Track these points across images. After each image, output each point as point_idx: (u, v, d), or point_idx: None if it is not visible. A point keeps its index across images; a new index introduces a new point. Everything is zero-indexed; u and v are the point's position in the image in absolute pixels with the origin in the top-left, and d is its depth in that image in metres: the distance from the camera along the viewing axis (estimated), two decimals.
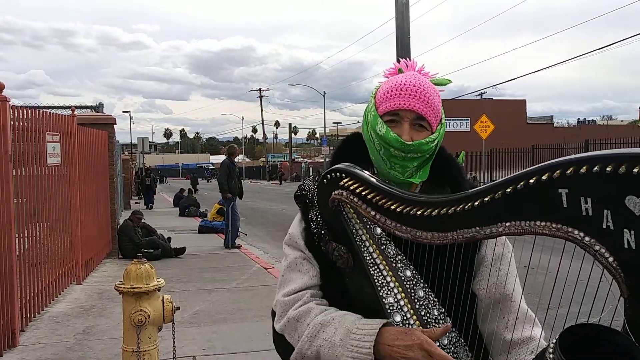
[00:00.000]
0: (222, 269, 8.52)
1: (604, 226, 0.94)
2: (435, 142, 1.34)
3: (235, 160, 11.72)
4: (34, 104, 10.26)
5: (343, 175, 1.26)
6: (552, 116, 61.87)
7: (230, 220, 10.82)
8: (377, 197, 1.21)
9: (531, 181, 0.99)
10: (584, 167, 0.94)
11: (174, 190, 26.38)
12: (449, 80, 1.43)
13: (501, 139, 28.98)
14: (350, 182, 1.25)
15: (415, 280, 1.29)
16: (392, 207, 1.18)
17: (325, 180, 1.29)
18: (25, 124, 5.67)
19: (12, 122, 5.14)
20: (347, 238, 1.30)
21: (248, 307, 6.19)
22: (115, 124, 10.48)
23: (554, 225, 0.99)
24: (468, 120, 45.81)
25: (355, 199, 1.24)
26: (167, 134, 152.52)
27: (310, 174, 52.51)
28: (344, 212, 1.31)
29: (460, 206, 1.09)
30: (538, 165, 0.99)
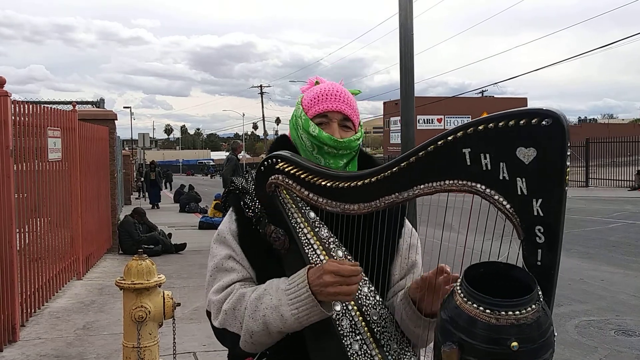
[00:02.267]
0: None
1: (501, 177, 1.07)
2: (360, 140, 1.50)
3: (239, 156, 11.72)
4: (35, 99, 10.26)
5: (279, 160, 1.37)
6: None
7: None
8: (310, 176, 1.31)
9: (439, 142, 1.11)
10: (481, 126, 1.06)
11: (174, 186, 26.38)
12: (359, 91, 1.60)
13: None
14: (285, 165, 1.35)
15: (347, 259, 1.38)
16: (323, 184, 1.29)
17: (262, 168, 1.41)
18: (27, 119, 5.66)
19: (13, 117, 5.13)
20: (284, 221, 1.39)
21: None
22: (117, 119, 10.47)
23: (460, 182, 1.11)
24: (469, 117, 45.78)
25: (290, 181, 1.35)
26: (168, 129, 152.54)
27: None
28: (280, 197, 1.40)
29: (382, 174, 1.21)
30: (446, 130, 1.11)
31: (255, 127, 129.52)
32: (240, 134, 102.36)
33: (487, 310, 1.02)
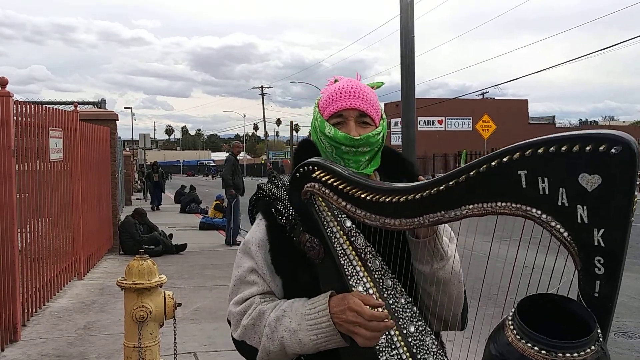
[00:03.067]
0: (223, 266, 8.53)
1: (559, 203, 1.00)
2: (381, 134, 1.43)
3: (238, 157, 11.73)
4: (36, 99, 10.27)
5: (315, 167, 1.31)
6: (554, 116, 61.84)
7: (232, 217, 10.82)
8: (348, 187, 1.25)
9: (493, 164, 1.05)
10: (542, 149, 1.00)
11: (175, 187, 26.35)
12: (382, 83, 1.56)
13: (503, 138, 28.92)
14: (322, 174, 1.29)
15: (384, 270, 1.34)
16: (362, 196, 1.23)
17: (297, 174, 1.34)
18: (28, 119, 5.68)
19: (15, 118, 5.15)
20: (319, 230, 1.34)
21: None
22: (118, 120, 10.49)
23: (513, 205, 1.04)
24: (470, 119, 45.80)
25: (326, 191, 1.29)
26: (169, 130, 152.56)
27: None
28: (316, 205, 1.35)
29: (427, 191, 1.14)
30: (499, 150, 1.05)
31: (256, 128, 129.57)
32: (241, 134, 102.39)
33: (543, 351, 0.96)
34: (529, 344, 0.98)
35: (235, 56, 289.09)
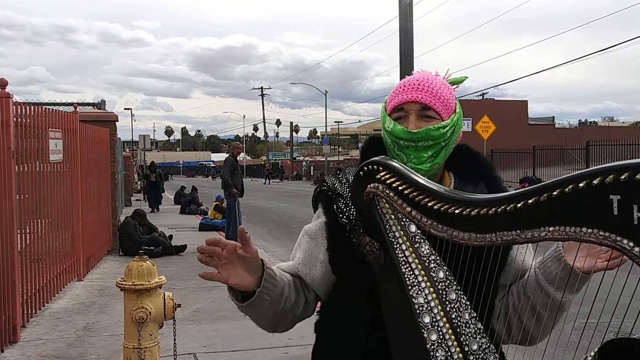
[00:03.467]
0: None
1: None
2: (448, 128, 1.33)
3: (238, 157, 11.76)
4: (36, 101, 10.28)
5: (380, 168, 1.23)
6: (553, 117, 61.83)
7: (232, 217, 10.83)
8: (415, 193, 1.17)
9: (581, 185, 0.93)
10: (627, 174, 0.88)
11: (175, 188, 26.34)
12: (465, 77, 1.46)
13: (502, 139, 28.96)
14: (387, 176, 1.22)
15: (448, 281, 1.24)
16: (430, 204, 1.15)
17: (361, 172, 1.26)
18: (28, 120, 5.68)
19: (15, 119, 5.15)
20: (380, 233, 1.26)
21: None
22: (118, 121, 10.49)
23: (601, 233, 0.92)
24: (469, 120, 45.72)
25: (391, 194, 1.21)
26: (168, 131, 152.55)
27: (312, 172, 52.47)
28: (379, 207, 1.26)
29: (502, 207, 1.03)
30: (589, 169, 0.94)
31: (255, 129, 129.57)
32: (240, 135, 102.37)
33: None
34: None
35: (235, 57, 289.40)
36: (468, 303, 1.24)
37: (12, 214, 4.95)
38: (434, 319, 1.20)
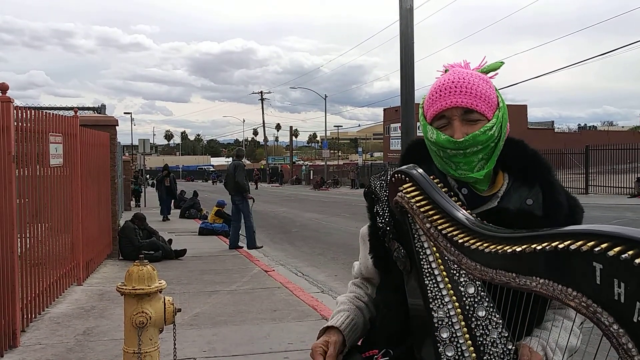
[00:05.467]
0: (222, 271, 8.53)
1: (635, 320, 0.80)
2: (494, 128, 1.26)
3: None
4: (36, 105, 10.28)
5: (406, 179, 1.23)
6: (552, 121, 61.92)
7: (246, 220, 10.93)
8: (432, 212, 1.16)
9: (560, 246, 0.90)
10: (616, 250, 0.81)
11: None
12: (501, 62, 1.37)
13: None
14: (410, 189, 1.21)
15: (479, 297, 1.19)
16: (442, 227, 1.13)
17: (393, 179, 1.26)
18: (29, 124, 5.69)
19: (15, 123, 5.16)
20: (408, 242, 1.25)
21: (248, 310, 6.20)
22: (118, 125, 10.50)
23: (584, 300, 0.88)
24: None
25: (414, 207, 1.20)
26: (168, 135, 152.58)
27: (311, 176, 52.45)
28: (409, 215, 1.24)
29: (502, 246, 1.01)
30: (574, 227, 0.91)
31: (255, 133, 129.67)
32: (240, 140, 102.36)
33: None
34: None
35: (234, 61, 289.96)
36: (500, 322, 1.18)
37: (12, 218, 4.95)
38: (454, 335, 1.17)
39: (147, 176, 37.62)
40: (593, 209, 17.97)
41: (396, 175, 1.25)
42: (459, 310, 1.18)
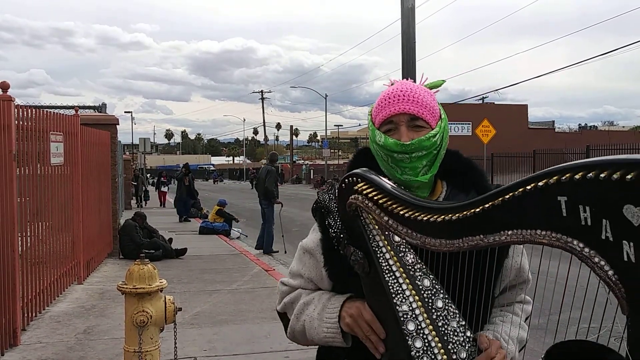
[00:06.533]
0: (223, 271, 8.54)
1: (603, 237, 0.89)
2: (437, 136, 1.35)
3: (236, 161, 11.88)
4: (36, 103, 10.28)
5: (359, 179, 1.26)
6: (553, 121, 61.94)
7: (267, 225, 11.07)
8: (389, 202, 1.20)
9: (529, 187, 0.96)
10: (580, 174, 0.89)
11: (175, 191, 26.27)
12: (443, 81, 1.47)
13: (503, 143, 28.99)
14: (364, 187, 1.25)
15: (435, 290, 1.26)
16: (402, 213, 1.17)
17: (343, 185, 1.30)
18: (30, 123, 5.69)
19: (16, 122, 5.16)
20: (364, 243, 1.29)
21: (249, 309, 6.20)
22: (118, 124, 10.51)
23: (553, 235, 0.95)
24: (469, 124, 45.78)
25: (369, 204, 1.24)
26: (169, 134, 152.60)
27: (312, 175, 52.48)
28: (362, 217, 1.29)
29: (464, 213, 1.07)
30: (537, 172, 0.96)
31: (255, 132, 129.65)
32: (241, 139, 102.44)
33: None
34: None
35: (234, 60, 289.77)
36: (457, 311, 1.25)
37: (13, 216, 4.95)
38: (419, 327, 1.21)
39: (148, 175, 37.58)
40: None
41: (347, 179, 1.29)
42: (419, 303, 1.24)
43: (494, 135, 23.51)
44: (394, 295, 1.24)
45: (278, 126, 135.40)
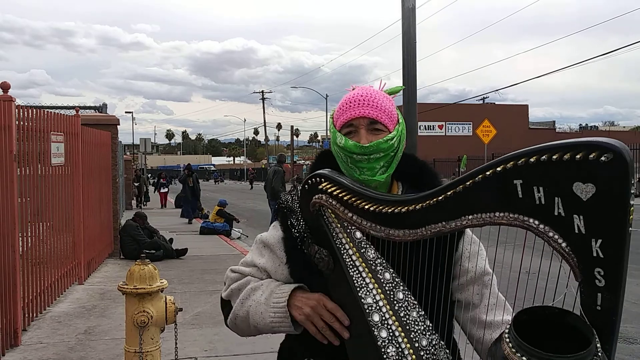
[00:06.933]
0: (224, 271, 8.43)
1: (556, 213, 0.98)
2: (395, 139, 1.42)
3: (237, 161, 11.93)
4: (37, 104, 10.28)
5: (322, 179, 1.33)
6: (554, 121, 61.89)
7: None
8: (353, 198, 1.27)
9: (488, 173, 1.04)
10: (534, 157, 0.98)
11: (176, 191, 26.31)
12: (401, 87, 1.55)
13: (503, 143, 28.98)
14: (328, 186, 1.31)
15: (395, 282, 1.32)
16: (366, 207, 1.24)
17: (306, 186, 1.36)
18: (30, 123, 5.69)
19: (17, 122, 5.16)
20: (328, 241, 1.35)
21: None
22: (119, 124, 10.50)
23: (511, 215, 1.04)
24: (470, 124, 45.83)
25: (333, 202, 1.30)
26: (169, 135, 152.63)
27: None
28: (325, 216, 1.35)
29: (427, 202, 1.15)
30: (495, 160, 1.04)
31: (256, 132, 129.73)
32: (241, 139, 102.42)
33: None
34: (523, 357, 0.98)
35: (235, 61, 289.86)
36: (416, 302, 1.31)
37: (13, 217, 4.95)
38: (383, 317, 1.27)
39: (149, 175, 37.58)
40: None
41: (310, 180, 1.35)
42: (382, 295, 1.30)
43: (495, 135, 23.53)
44: (358, 289, 1.29)
45: (279, 126, 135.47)
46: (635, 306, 6.30)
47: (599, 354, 0.98)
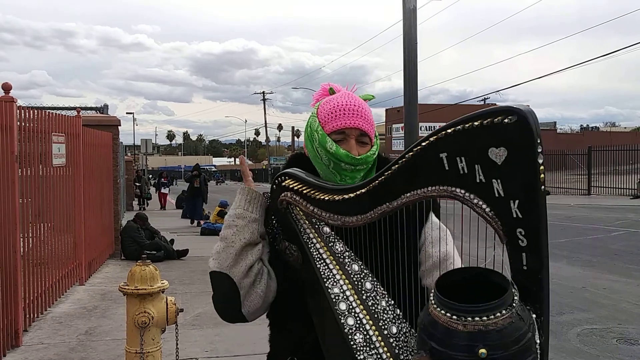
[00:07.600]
0: None
1: (478, 180, 1.04)
2: (376, 152, 1.52)
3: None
4: (38, 105, 10.30)
5: (286, 177, 1.41)
6: (555, 122, 61.87)
7: None
8: (312, 191, 1.34)
9: (417, 149, 1.11)
10: (451, 129, 1.05)
11: (176, 192, 26.32)
12: (372, 96, 1.60)
13: None
14: (291, 182, 1.39)
15: (363, 273, 1.37)
16: (322, 197, 1.32)
17: (274, 185, 1.44)
18: (32, 124, 5.70)
19: (18, 123, 5.16)
20: (297, 237, 1.41)
21: None
22: (120, 125, 10.52)
23: (441, 188, 1.10)
24: None
25: (297, 197, 1.38)
26: (170, 135, 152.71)
27: None
28: (293, 214, 1.42)
29: (371, 185, 1.22)
30: (422, 137, 1.10)
31: (257, 133, 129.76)
32: (242, 140, 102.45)
33: (454, 317, 1.01)
34: (442, 311, 1.04)
35: (236, 61, 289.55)
36: (385, 293, 1.35)
37: (15, 217, 4.95)
38: (350, 306, 1.31)
39: (150, 176, 37.59)
40: (595, 210, 17.95)
41: (277, 179, 1.43)
42: (349, 285, 1.34)
43: None
44: (325, 280, 1.34)
45: (279, 127, 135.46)
46: (636, 307, 6.29)
47: (514, 304, 1.01)
